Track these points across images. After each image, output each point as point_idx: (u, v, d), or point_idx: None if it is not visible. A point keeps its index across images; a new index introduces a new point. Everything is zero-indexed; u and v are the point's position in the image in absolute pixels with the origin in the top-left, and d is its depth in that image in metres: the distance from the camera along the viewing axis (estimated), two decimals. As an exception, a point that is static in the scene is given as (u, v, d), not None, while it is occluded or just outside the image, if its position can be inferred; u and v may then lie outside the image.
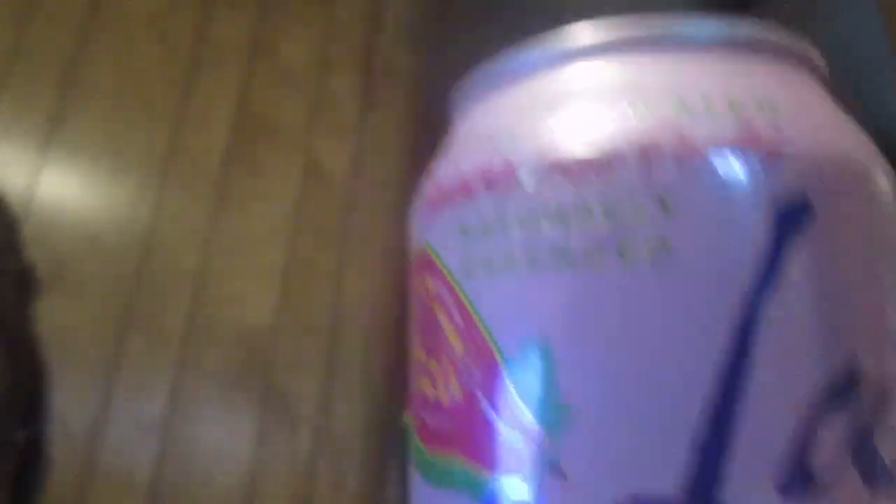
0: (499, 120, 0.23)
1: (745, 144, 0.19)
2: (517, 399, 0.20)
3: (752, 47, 0.22)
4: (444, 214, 0.24)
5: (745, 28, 0.22)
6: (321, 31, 1.51)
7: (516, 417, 0.19)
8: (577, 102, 0.21)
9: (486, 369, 0.21)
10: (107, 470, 1.08)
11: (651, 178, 0.19)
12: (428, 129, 1.46)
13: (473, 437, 0.21)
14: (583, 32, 0.23)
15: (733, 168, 0.19)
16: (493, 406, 0.20)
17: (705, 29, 0.21)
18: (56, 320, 1.12)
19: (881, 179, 0.21)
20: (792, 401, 0.18)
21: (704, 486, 0.17)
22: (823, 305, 0.18)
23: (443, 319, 0.23)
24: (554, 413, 0.19)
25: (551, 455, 0.19)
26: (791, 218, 0.19)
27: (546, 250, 0.20)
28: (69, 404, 1.09)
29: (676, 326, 0.18)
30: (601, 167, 0.19)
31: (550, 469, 0.19)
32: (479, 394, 0.21)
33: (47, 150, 1.22)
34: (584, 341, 0.19)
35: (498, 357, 0.20)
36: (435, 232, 0.25)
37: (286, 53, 1.46)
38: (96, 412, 1.10)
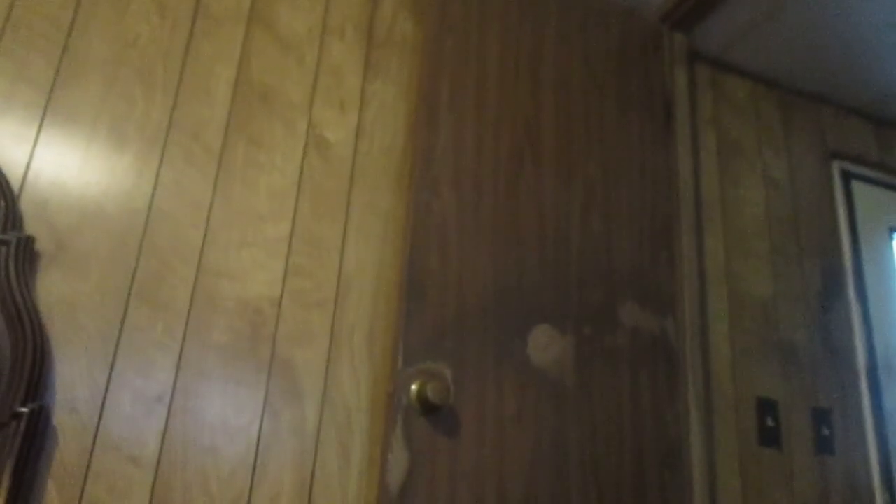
0: None
1: None
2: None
3: None
4: None
5: None
6: (321, -2, 1.48)
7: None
8: None
9: None
10: (113, 442, 1.08)
11: None
12: (430, 99, 1.44)
13: None
14: None
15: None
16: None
17: None
18: (58, 293, 1.11)
19: None
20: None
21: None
22: None
23: None
24: None
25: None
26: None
27: None
28: (74, 378, 1.08)
29: None
30: None
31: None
32: None
33: (44, 122, 1.20)
34: None
35: None
36: None
37: (286, 22, 1.44)
38: (101, 385, 1.10)
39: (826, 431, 1.65)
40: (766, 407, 1.60)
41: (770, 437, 1.58)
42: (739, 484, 1.51)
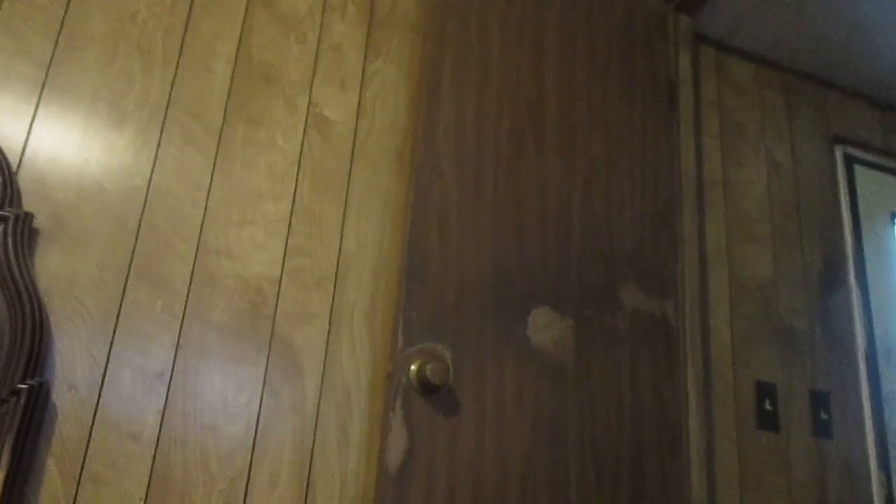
0: None
1: None
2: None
3: None
4: None
5: None
6: (322, -25, 1.46)
7: None
8: None
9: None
10: (113, 419, 1.08)
11: None
12: (432, 79, 1.42)
13: None
14: None
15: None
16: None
17: None
18: (57, 270, 1.10)
19: None
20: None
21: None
22: None
23: None
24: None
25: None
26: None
27: None
28: (73, 355, 1.08)
29: None
30: None
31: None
32: None
33: (42, 97, 1.19)
34: None
35: None
36: None
37: (286, -1, 1.42)
38: (101, 363, 1.10)
39: (824, 415, 1.65)
40: (765, 390, 1.61)
41: (768, 421, 1.59)
42: (737, 467, 1.52)
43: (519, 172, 1.42)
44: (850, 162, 1.93)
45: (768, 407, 1.59)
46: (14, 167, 1.12)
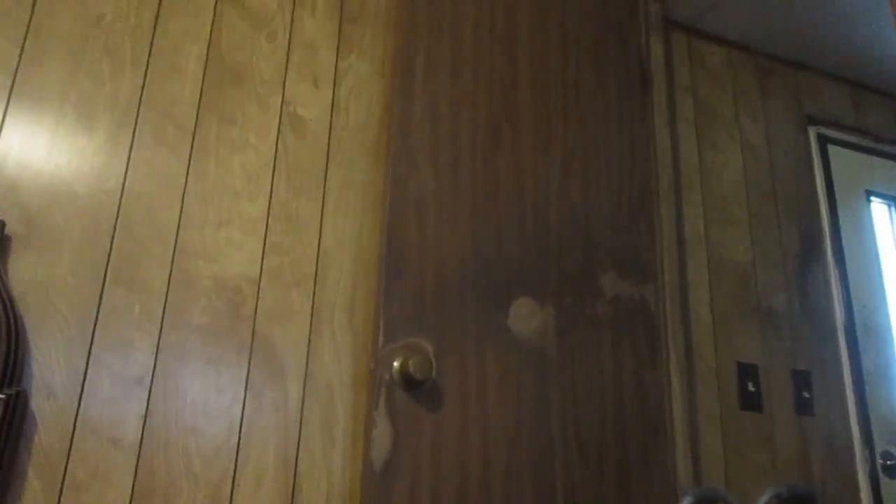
0: None
1: None
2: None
3: None
4: None
5: None
6: (290, -29, 1.45)
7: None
8: None
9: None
10: (93, 426, 1.07)
11: None
12: (405, 70, 1.42)
13: None
14: None
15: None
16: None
17: None
18: (31, 276, 1.09)
19: None
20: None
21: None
22: None
23: None
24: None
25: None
26: None
27: None
28: (51, 362, 1.07)
29: None
30: None
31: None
32: None
33: (10, 102, 1.17)
34: None
35: None
36: None
37: (255, -3, 1.41)
38: (80, 369, 1.09)
39: (806, 394, 1.67)
40: (747, 371, 1.62)
41: (751, 401, 1.60)
42: (721, 447, 1.53)
43: (495, 162, 1.42)
44: (823, 142, 1.95)
45: (751, 388, 1.61)
46: (-17, 175, 1.10)
